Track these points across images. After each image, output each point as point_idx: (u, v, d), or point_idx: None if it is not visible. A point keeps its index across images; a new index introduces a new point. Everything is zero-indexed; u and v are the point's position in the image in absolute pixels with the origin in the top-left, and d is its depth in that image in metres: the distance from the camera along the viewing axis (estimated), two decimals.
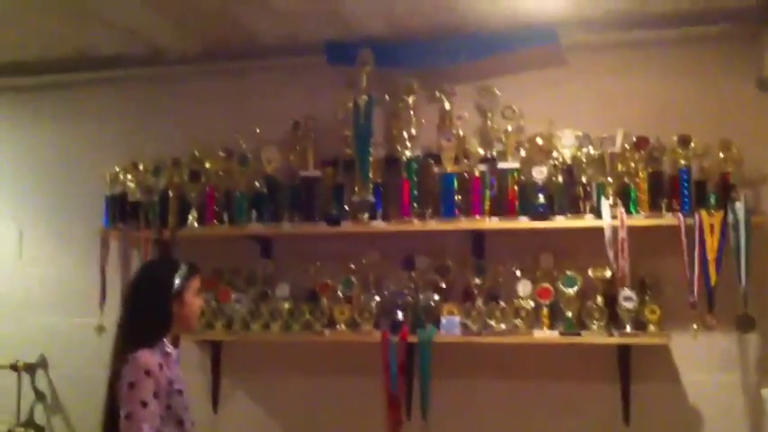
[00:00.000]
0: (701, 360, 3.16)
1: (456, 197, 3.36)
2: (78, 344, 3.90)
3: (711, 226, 3.06)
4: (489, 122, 3.48)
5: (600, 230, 3.10)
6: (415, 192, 3.45)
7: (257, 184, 3.64)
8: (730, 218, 3.04)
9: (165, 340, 2.40)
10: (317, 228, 3.47)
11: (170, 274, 2.39)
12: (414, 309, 3.35)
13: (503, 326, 3.21)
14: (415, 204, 3.43)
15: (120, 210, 3.85)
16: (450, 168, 3.38)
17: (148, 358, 2.25)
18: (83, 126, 4.10)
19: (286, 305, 3.51)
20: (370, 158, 3.45)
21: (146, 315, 2.36)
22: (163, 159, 3.81)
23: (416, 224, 3.36)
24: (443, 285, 3.40)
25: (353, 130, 3.47)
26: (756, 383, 3.08)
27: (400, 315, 3.34)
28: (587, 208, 3.23)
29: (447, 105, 3.54)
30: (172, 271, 2.40)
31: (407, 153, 3.49)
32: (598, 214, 3.16)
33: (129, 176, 3.85)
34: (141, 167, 3.85)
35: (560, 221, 3.20)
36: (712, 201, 3.13)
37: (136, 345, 2.28)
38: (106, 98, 4.07)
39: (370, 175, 3.44)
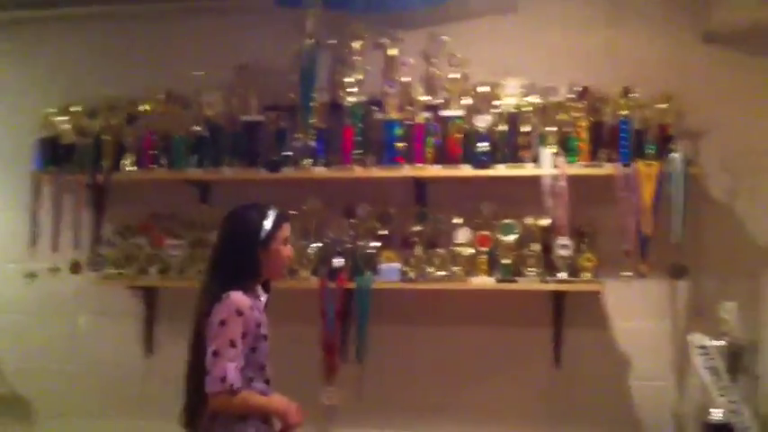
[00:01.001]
0: (633, 307, 3.21)
1: (399, 144, 3.32)
2: (8, 289, 3.78)
3: (649, 176, 3.09)
4: (434, 70, 3.44)
5: (540, 179, 3.11)
6: (358, 138, 3.40)
7: (198, 128, 3.54)
8: (667, 169, 3.07)
9: (255, 284, 2.38)
10: (258, 174, 3.40)
11: (258, 222, 2.35)
12: (353, 256, 3.32)
13: (441, 273, 3.20)
14: (357, 151, 3.38)
15: (53, 153, 3.71)
16: (393, 115, 3.34)
17: (241, 299, 2.24)
18: (13, 66, 3.92)
19: None
20: (314, 104, 3.38)
21: (234, 261, 2.32)
22: (99, 102, 3.68)
23: (358, 171, 3.32)
24: (384, 233, 3.37)
25: (298, 75, 3.40)
26: (685, 329, 3.12)
27: (339, 262, 3.30)
28: (529, 157, 3.23)
29: (392, 51, 3.47)
30: (260, 218, 2.36)
31: (351, 99, 3.42)
32: (539, 163, 3.16)
33: (63, 118, 3.71)
34: (77, 109, 3.71)
35: (502, 170, 3.20)
36: (651, 151, 3.15)
37: (228, 286, 2.26)
38: (38, 37, 3.90)
39: (313, 120, 3.38)
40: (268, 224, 2.35)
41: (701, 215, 3.14)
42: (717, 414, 2.82)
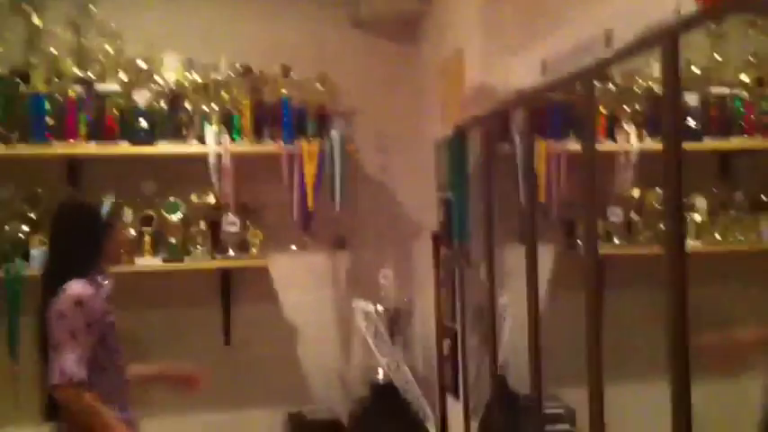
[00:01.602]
0: (299, 279, 3.36)
1: (48, 120, 3.04)
2: None
3: (310, 154, 3.24)
4: (85, 41, 3.20)
5: (204, 157, 3.10)
6: (1, 114, 3.03)
7: None
8: (327, 146, 3.25)
9: (97, 272, 2.32)
10: None
11: (96, 210, 2.36)
12: None
13: None
14: (0, 128, 3.01)
15: None
16: (40, 88, 3.04)
17: (81, 289, 2.21)
18: None
19: None
20: None
21: (76, 252, 2.29)
22: None
23: (2, 149, 2.97)
24: (34, 216, 3.07)
25: None
26: (347, 296, 3.35)
27: None
28: (192, 134, 3.18)
29: (36, 20, 3.15)
30: (97, 206, 2.38)
31: None
32: (202, 141, 3.16)
33: None
34: None
35: (163, 147, 3.13)
36: (311, 130, 3.30)
37: (68, 276, 2.22)
38: None
39: None
40: (106, 211, 2.37)
41: (358, 190, 3.37)
42: (380, 374, 3.09)
